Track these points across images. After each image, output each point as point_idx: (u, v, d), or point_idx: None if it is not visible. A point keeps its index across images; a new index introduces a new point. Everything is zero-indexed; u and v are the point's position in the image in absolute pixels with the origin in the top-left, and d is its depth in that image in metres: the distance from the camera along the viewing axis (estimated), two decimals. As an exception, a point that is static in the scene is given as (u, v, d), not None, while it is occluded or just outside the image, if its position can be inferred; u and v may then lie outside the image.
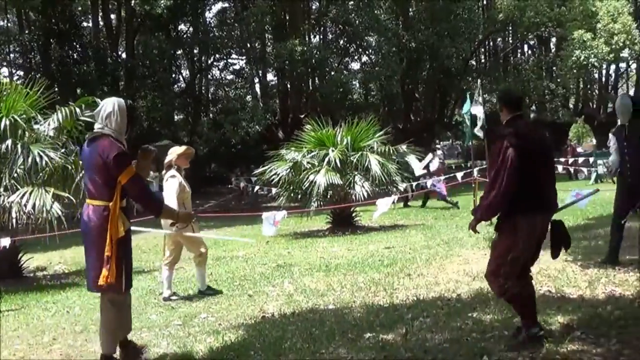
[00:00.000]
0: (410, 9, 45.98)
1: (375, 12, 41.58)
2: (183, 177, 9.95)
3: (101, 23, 41.30)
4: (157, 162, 11.32)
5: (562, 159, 26.89)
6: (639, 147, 9.09)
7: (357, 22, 39.88)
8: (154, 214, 7.04)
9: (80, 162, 6.14)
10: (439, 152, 24.05)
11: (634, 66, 53.15)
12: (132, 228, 6.57)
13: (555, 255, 6.26)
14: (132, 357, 6.71)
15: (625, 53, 44.56)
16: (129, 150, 6.40)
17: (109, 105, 6.44)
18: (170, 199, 9.52)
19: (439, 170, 22.65)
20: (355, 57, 48.24)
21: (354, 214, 18.94)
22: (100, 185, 6.29)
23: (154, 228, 10.63)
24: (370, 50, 44.42)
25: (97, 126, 6.46)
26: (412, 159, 20.61)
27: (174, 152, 10.11)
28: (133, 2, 34.21)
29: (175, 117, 44.41)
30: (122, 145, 6.38)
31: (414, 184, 21.33)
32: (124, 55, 41.13)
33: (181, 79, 46.93)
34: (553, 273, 9.08)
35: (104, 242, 6.16)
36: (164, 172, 10.17)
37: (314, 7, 46.99)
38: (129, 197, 6.56)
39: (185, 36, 44.25)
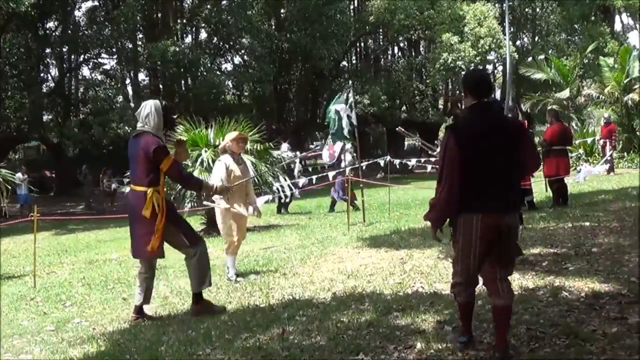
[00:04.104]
0: (283, 10, 46.20)
1: (248, 12, 41.57)
2: (236, 162, 10.47)
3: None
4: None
5: (433, 159, 27.49)
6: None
7: (230, 22, 39.75)
8: (195, 190, 8.86)
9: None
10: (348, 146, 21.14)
11: (500, 68, 54.97)
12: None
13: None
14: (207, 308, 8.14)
15: (491, 56, 46.26)
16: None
17: (147, 107, 7.70)
18: (214, 179, 10.31)
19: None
20: (229, 58, 48.11)
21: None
22: (141, 173, 7.61)
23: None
24: (243, 52, 44.34)
25: (138, 125, 7.75)
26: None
27: (227, 137, 10.82)
28: (-4, -1, 33.03)
29: (45, 117, 43.12)
30: (161, 140, 7.69)
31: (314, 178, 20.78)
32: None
33: (50, 78, 45.55)
34: (425, 270, 9.25)
35: (142, 219, 7.54)
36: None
37: (186, 6, 46.45)
38: (172, 180, 8.26)
39: (53, 35, 42.99)
